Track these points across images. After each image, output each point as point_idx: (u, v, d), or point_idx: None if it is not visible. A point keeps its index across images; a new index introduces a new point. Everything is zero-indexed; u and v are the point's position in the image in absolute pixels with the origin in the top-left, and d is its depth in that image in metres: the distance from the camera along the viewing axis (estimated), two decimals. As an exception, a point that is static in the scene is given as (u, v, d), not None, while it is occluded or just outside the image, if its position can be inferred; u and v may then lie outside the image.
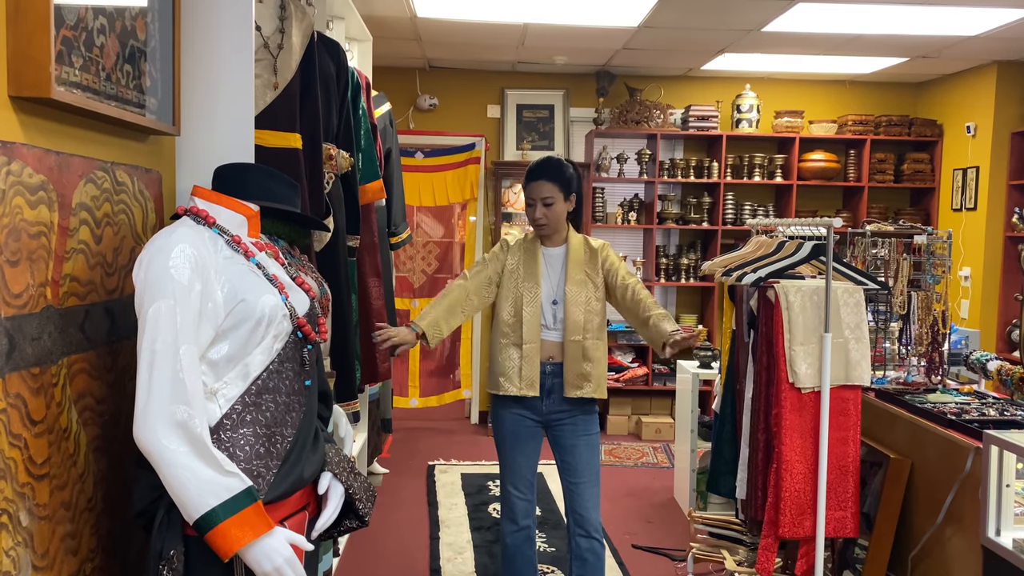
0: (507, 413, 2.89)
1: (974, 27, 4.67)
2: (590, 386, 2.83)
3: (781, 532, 2.81)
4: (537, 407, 2.86)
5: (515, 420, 2.88)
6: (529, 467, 2.91)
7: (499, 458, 2.96)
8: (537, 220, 2.83)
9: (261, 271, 1.61)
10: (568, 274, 2.85)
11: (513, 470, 2.91)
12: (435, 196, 6.15)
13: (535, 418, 2.88)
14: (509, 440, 2.90)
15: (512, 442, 2.90)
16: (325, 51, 2.71)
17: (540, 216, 2.83)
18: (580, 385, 2.82)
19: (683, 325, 2.80)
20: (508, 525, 2.93)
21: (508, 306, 2.85)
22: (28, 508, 1.39)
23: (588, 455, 2.87)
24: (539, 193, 2.81)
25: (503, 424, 2.91)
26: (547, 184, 2.81)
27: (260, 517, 1.47)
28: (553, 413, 2.86)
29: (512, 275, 2.87)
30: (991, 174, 5.57)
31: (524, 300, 2.83)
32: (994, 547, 2.32)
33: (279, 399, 1.59)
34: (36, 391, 1.41)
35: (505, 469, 2.93)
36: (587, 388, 2.83)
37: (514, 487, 2.91)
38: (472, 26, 4.98)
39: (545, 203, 2.81)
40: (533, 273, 2.86)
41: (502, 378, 2.85)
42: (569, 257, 2.87)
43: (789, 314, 2.80)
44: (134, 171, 1.78)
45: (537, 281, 2.85)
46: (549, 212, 2.82)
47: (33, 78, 1.34)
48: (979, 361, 3.28)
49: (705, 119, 6.10)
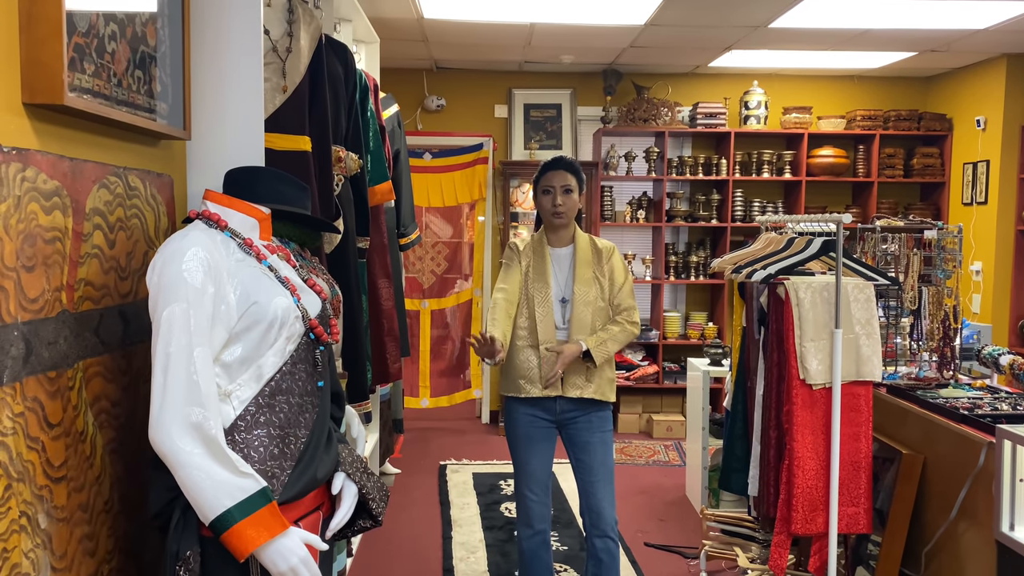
0: (521, 415, 2.87)
1: (983, 20, 4.64)
2: (591, 387, 2.82)
3: (794, 529, 2.80)
4: (551, 407, 2.85)
5: (529, 422, 2.87)
6: (544, 470, 2.90)
7: (513, 461, 2.94)
8: (557, 208, 2.83)
9: (273, 273, 1.63)
10: (576, 273, 2.86)
11: (527, 473, 2.89)
12: (443, 197, 6.16)
13: (549, 418, 2.87)
14: (523, 443, 2.88)
15: (526, 444, 2.88)
16: (333, 54, 2.72)
17: (560, 203, 2.82)
18: (580, 385, 2.81)
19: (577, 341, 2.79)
20: (524, 529, 2.92)
21: (523, 308, 2.85)
22: (46, 510, 1.40)
23: (603, 453, 2.86)
24: (559, 180, 2.83)
25: (517, 426, 2.89)
26: (566, 173, 2.84)
27: (275, 517, 1.48)
28: (567, 412, 2.85)
29: (524, 278, 2.88)
30: (1001, 168, 5.53)
31: (536, 301, 2.83)
32: (1008, 542, 2.31)
33: (292, 400, 1.61)
34: (53, 395, 1.42)
35: (519, 472, 2.91)
36: (588, 389, 2.81)
37: (529, 490, 2.89)
38: (479, 27, 4.99)
39: (565, 190, 2.83)
40: (542, 273, 2.86)
41: (522, 380, 2.83)
42: (577, 256, 2.88)
43: (799, 310, 2.79)
44: (146, 176, 1.80)
45: (547, 281, 2.85)
46: (567, 200, 2.83)
47: (46, 85, 1.35)
48: (991, 356, 3.27)
49: (713, 116, 6.09)
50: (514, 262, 2.91)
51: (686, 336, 6.25)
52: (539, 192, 2.89)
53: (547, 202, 2.86)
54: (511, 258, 2.93)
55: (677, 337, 6.24)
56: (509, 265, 2.92)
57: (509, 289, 2.87)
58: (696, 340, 6.14)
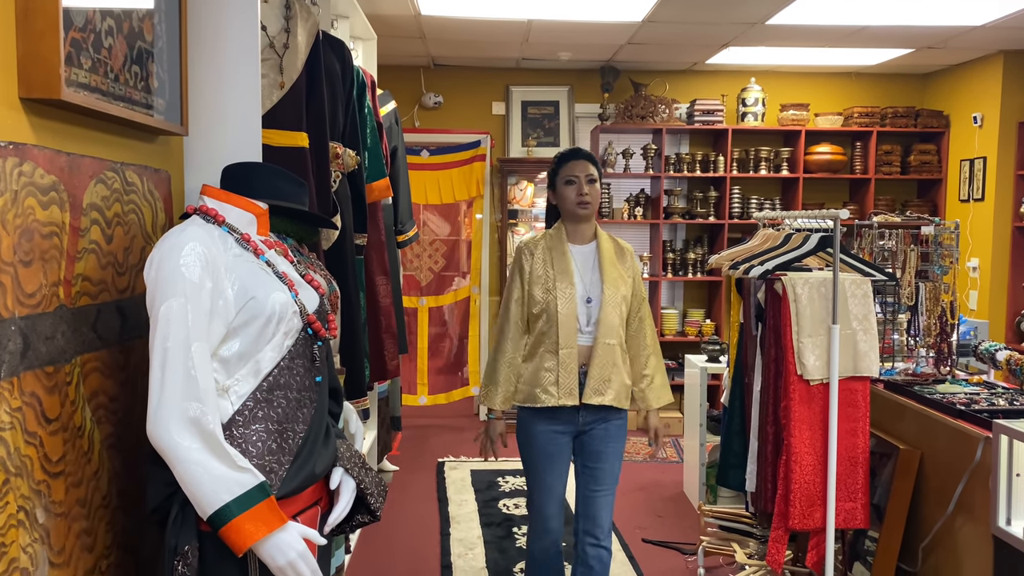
0: (539, 430, 2.70)
1: (980, 16, 4.65)
2: (611, 393, 2.66)
3: (791, 524, 2.81)
4: (573, 418, 2.69)
5: (548, 437, 2.69)
6: (562, 485, 2.75)
7: (528, 476, 2.76)
8: (583, 197, 2.68)
9: (271, 268, 1.63)
10: (604, 271, 2.69)
11: (544, 490, 2.72)
12: (441, 194, 6.16)
13: (568, 431, 2.71)
14: (543, 460, 2.71)
15: (547, 463, 2.71)
16: (330, 50, 2.72)
17: (586, 192, 2.68)
18: (602, 391, 2.65)
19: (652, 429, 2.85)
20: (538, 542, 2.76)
21: (538, 310, 2.67)
22: (44, 505, 1.40)
23: (612, 463, 2.74)
24: (582, 170, 2.70)
25: (535, 442, 2.71)
26: (587, 163, 2.72)
27: (273, 512, 1.48)
28: (588, 423, 2.71)
29: (540, 278, 2.68)
30: (998, 164, 5.54)
31: (560, 301, 2.64)
32: (1005, 536, 2.32)
33: (290, 395, 1.61)
34: (50, 389, 1.42)
35: (537, 490, 2.74)
36: (608, 395, 2.65)
37: (546, 508, 2.72)
38: (476, 23, 4.99)
39: (589, 179, 2.70)
40: (566, 271, 2.68)
41: (538, 389, 2.65)
42: (602, 255, 2.72)
43: (797, 306, 2.80)
44: (143, 171, 1.80)
45: (571, 280, 2.67)
46: (592, 190, 2.70)
47: (43, 80, 1.35)
48: (988, 351, 3.27)
49: (710, 113, 6.09)
50: (519, 280, 2.73)
51: (684, 333, 6.25)
52: (560, 183, 2.73)
53: (571, 192, 2.69)
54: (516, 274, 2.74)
55: (675, 334, 6.24)
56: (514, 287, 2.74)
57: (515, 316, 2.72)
58: (694, 337, 6.15)
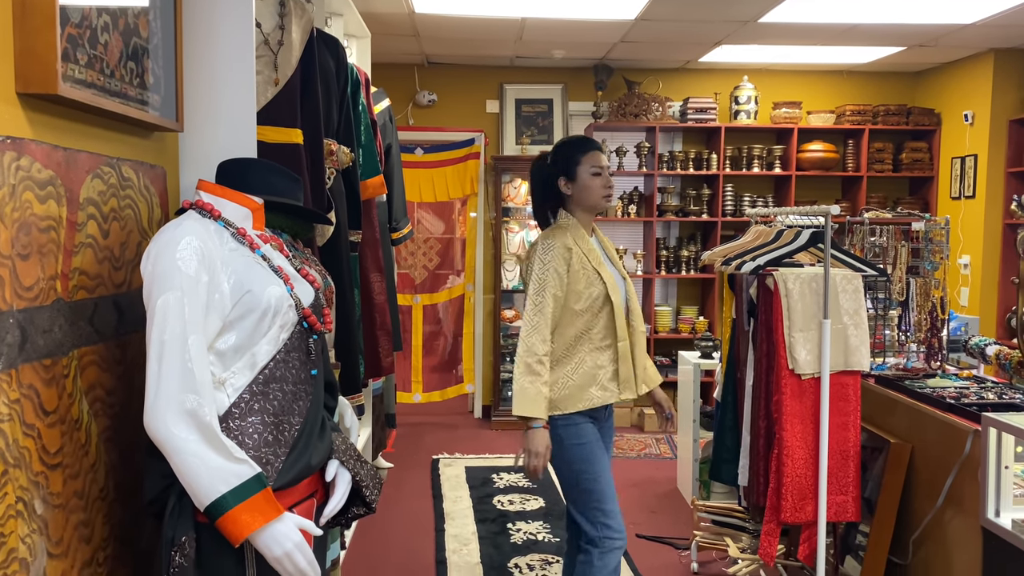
0: (589, 431, 2.55)
1: (971, 15, 4.68)
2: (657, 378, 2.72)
3: (783, 517, 2.83)
4: (601, 415, 2.63)
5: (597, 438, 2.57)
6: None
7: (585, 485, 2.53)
8: (610, 189, 2.62)
9: (266, 263, 1.64)
10: (614, 261, 2.70)
11: (607, 494, 2.54)
12: (435, 192, 6.17)
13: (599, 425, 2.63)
14: (598, 462, 2.53)
15: (601, 464, 2.55)
16: (325, 47, 2.73)
17: (612, 184, 2.63)
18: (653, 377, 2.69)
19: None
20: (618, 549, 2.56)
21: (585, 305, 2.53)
22: (42, 496, 1.42)
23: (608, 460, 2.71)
24: (604, 161, 2.63)
25: (587, 446, 2.53)
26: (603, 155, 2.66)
27: (269, 503, 1.50)
28: (605, 416, 2.68)
29: (581, 272, 2.53)
30: (989, 162, 5.58)
31: (611, 293, 2.54)
32: (994, 528, 2.34)
33: (286, 388, 1.62)
34: (48, 382, 1.43)
35: (599, 496, 2.53)
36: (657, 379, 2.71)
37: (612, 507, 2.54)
38: (470, 21, 5.00)
39: (610, 171, 2.65)
40: (601, 263, 2.58)
41: (594, 387, 2.52)
42: (606, 246, 2.73)
43: (788, 301, 2.82)
44: (139, 167, 1.81)
45: (607, 271, 2.58)
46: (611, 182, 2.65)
47: (40, 75, 1.36)
48: (978, 346, 3.30)
49: (703, 111, 6.12)
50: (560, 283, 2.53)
51: (677, 330, 6.28)
52: (585, 173, 2.58)
53: (599, 183, 2.58)
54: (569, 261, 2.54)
55: (668, 331, 6.27)
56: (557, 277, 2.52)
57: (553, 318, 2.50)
58: (687, 334, 6.18)
